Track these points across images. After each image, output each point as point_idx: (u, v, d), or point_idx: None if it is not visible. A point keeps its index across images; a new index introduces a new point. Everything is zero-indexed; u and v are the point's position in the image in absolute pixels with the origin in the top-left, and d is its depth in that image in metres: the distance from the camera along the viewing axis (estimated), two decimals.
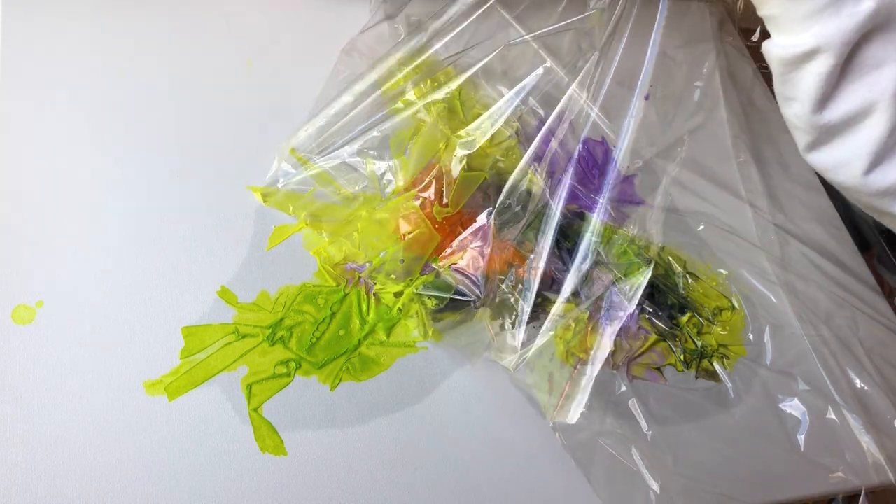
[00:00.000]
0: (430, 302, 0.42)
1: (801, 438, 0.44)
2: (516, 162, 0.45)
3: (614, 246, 0.47)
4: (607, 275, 0.45)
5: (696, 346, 0.47)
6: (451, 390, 0.42)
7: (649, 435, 0.42)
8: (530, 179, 0.45)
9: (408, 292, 0.42)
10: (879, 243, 0.64)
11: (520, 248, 0.45)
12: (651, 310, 0.46)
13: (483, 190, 0.46)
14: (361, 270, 0.43)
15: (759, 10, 0.40)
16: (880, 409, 0.46)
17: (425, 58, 0.46)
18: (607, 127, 0.47)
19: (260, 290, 0.42)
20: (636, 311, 0.45)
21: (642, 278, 0.45)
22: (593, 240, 0.45)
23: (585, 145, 0.49)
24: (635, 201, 0.51)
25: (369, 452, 0.39)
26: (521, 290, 0.44)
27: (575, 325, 0.44)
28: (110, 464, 0.35)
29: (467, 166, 0.44)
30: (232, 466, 0.36)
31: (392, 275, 0.43)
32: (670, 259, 0.49)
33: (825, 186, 0.59)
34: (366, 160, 0.45)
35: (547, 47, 0.48)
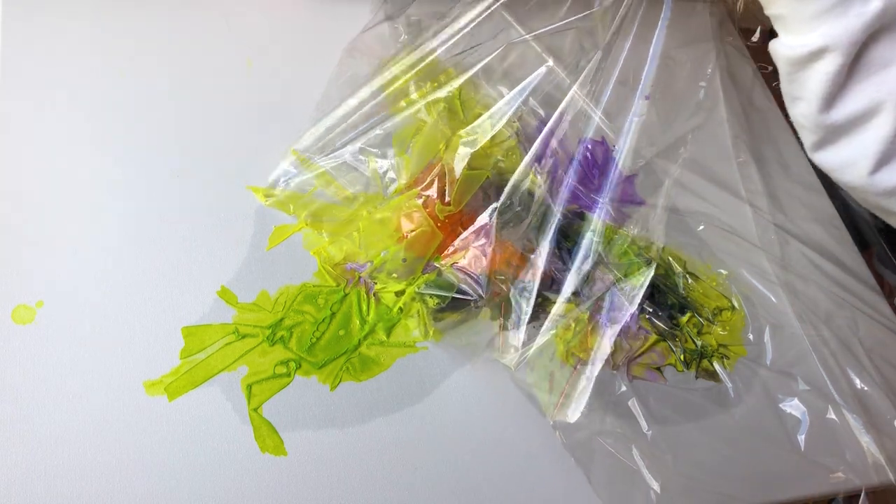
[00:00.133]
0: (431, 301, 0.42)
1: (802, 438, 0.44)
2: (517, 162, 0.45)
3: (615, 246, 0.47)
4: (608, 275, 0.45)
5: (696, 346, 0.47)
6: (451, 390, 0.42)
7: (649, 435, 0.42)
8: (531, 180, 0.45)
9: (409, 291, 0.42)
10: (879, 243, 0.64)
11: (520, 247, 0.45)
12: (651, 310, 0.46)
13: (483, 190, 0.46)
14: (361, 270, 0.43)
15: (766, 10, 0.40)
16: (880, 409, 0.46)
17: (428, 61, 0.46)
18: (608, 127, 0.47)
19: (260, 290, 0.42)
20: (636, 311, 0.45)
21: (643, 278, 0.45)
22: (594, 240, 0.45)
23: (586, 145, 0.49)
24: (636, 201, 0.51)
25: (369, 452, 0.39)
26: (521, 289, 0.44)
27: (575, 325, 0.44)
28: (110, 464, 0.35)
29: (468, 166, 0.44)
30: (232, 466, 0.36)
31: (394, 274, 0.43)
32: (670, 259, 0.49)
33: (825, 186, 0.59)
34: (368, 158, 0.45)
35: (548, 48, 0.48)
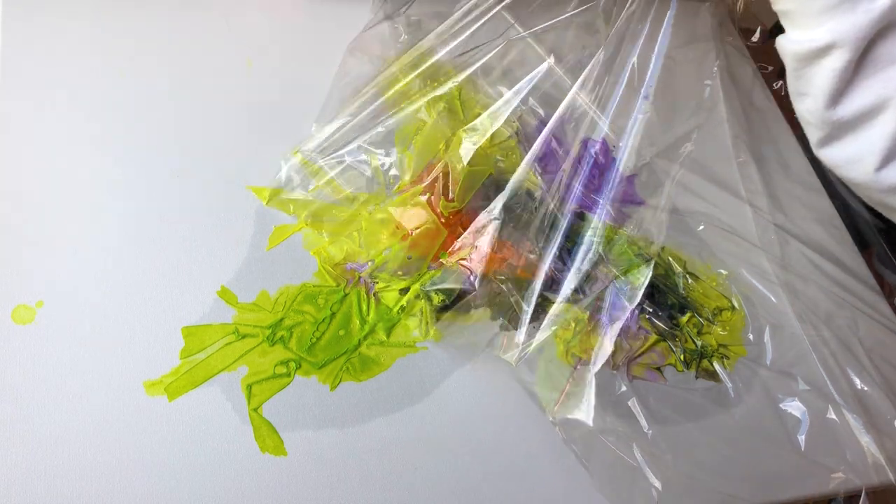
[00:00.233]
0: (436, 298, 0.42)
1: (802, 438, 0.44)
2: (516, 162, 0.45)
3: (615, 246, 0.47)
4: (607, 275, 0.45)
5: (696, 346, 0.46)
6: (451, 390, 0.42)
7: (650, 434, 0.42)
8: (531, 180, 0.45)
9: (414, 288, 0.42)
10: (879, 243, 0.64)
11: (520, 247, 0.45)
12: (651, 310, 0.46)
13: (483, 189, 0.46)
14: (361, 270, 0.43)
15: (773, 5, 0.40)
16: (880, 409, 0.46)
17: (429, 63, 0.46)
18: (608, 127, 0.47)
19: (260, 290, 0.42)
20: (636, 311, 0.45)
21: (643, 278, 0.45)
22: (594, 240, 0.45)
23: (586, 145, 0.49)
24: (636, 202, 0.51)
25: (369, 452, 0.39)
26: (521, 289, 0.44)
27: (575, 325, 0.44)
28: (110, 464, 0.35)
29: (470, 164, 0.44)
30: (232, 466, 0.36)
31: (399, 271, 0.43)
32: (670, 259, 0.49)
33: (825, 186, 0.59)
34: (370, 156, 0.45)
35: (549, 48, 0.48)
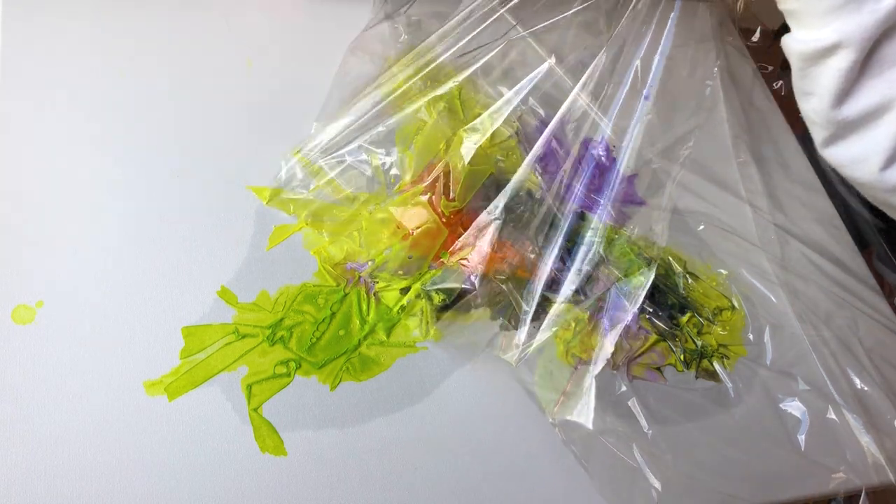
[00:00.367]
0: (436, 297, 0.42)
1: (802, 438, 0.44)
2: (516, 162, 0.45)
3: (615, 246, 0.47)
4: (608, 275, 0.45)
5: (696, 346, 0.46)
6: (451, 390, 0.42)
7: (650, 434, 0.42)
8: (531, 180, 0.45)
9: (415, 288, 0.42)
10: (879, 243, 0.64)
11: (520, 247, 0.45)
12: (651, 310, 0.46)
13: (484, 189, 0.46)
14: (361, 270, 0.43)
15: (779, 5, 0.40)
16: (880, 409, 0.46)
17: (431, 67, 0.46)
18: (608, 127, 0.47)
19: (260, 290, 0.42)
20: (636, 311, 0.45)
21: (643, 279, 0.45)
22: (594, 240, 0.45)
23: (586, 145, 0.49)
24: (636, 202, 0.51)
25: (369, 452, 0.39)
26: (521, 289, 0.44)
27: (575, 325, 0.44)
28: (110, 464, 0.35)
29: (470, 164, 0.44)
30: (232, 466, 0.36)
31: (400, 271, 0.43)
32: (670, 259, 0.49)
33: (825, 186, 0.59)
34: (370, 155, 0.45)
35: (550, 49, 0.48)
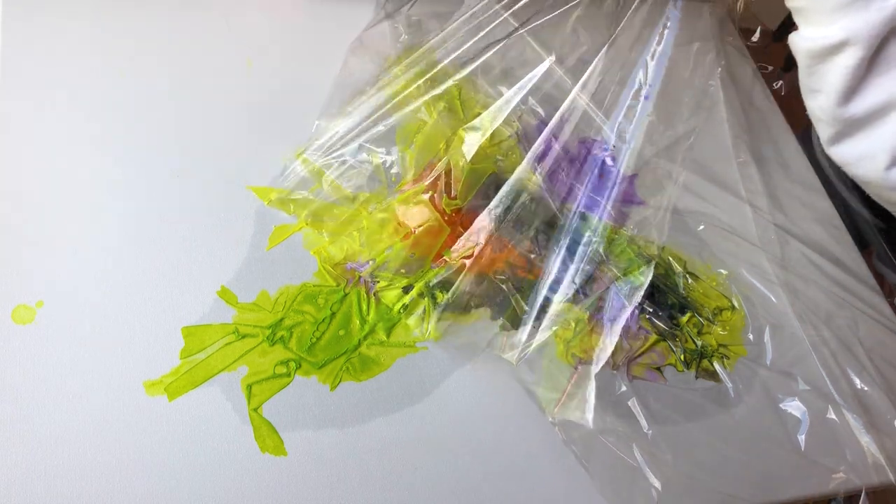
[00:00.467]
0: (440, 296, 0.42)
1: (802, 438, 0.44)
2: (516, 162, 0.45)
3: (615, 246, 0.47)
4: (608, 275, 0.45)
5: (696, 346, 0.46)
6: (451, 390, 0.42)
7: (650, 434, 0.42)
8: (531, 179, 0.45)
9: (418, 286, 0.42)
10: (879, 243, 0.64)
11: (520, 247, 0.45)
12: (651, 310, 0.46)
13: (484, 188, 0.46)
14: (361, 270, 0.43)
15: (787, 2, 0.40)
16: (880, 409, 0.46)
17: (431, 63, 0.46)
18: (608, 127, 0.47)
19: (260, 290, 0.42)
20: (636, 310, 0.45)
21: (643, 279, 0.45)
22: (594, 240, 0.45)
23: (586, 145, 0.49)
24: (636, 202, 0.51)
25: (369, 452, 0.39)
26: (521, 289, 0.44)
27: (575, 325, 0.44)
28: (110, 464, 0.35)
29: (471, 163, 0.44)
30: (232, 466, 0.36)
31: (402, 269, 0.43)
32: (670, 259, 0.49)
33: (825, 186, 0.59)
34: (371, 154, 0.45)
35: (550, 48, 0.48)
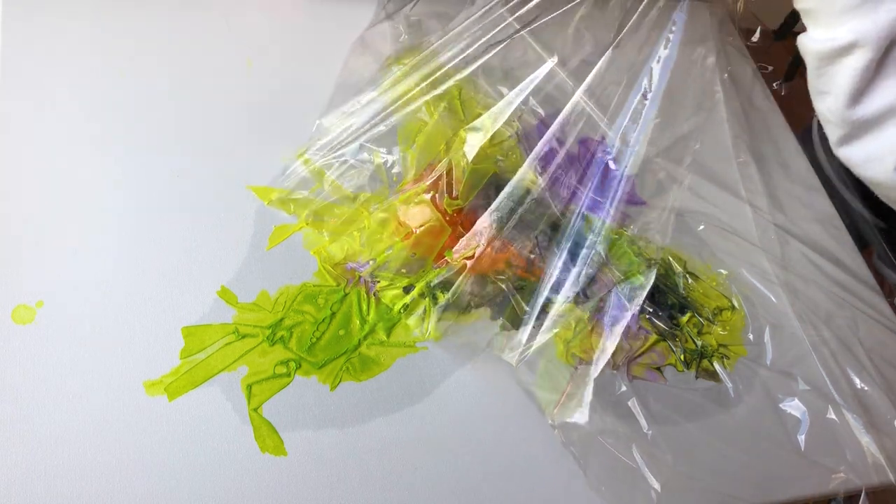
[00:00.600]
0: (441, 296, 0.42)
1: (802, 438, 0.44)
2: (517, 162, 0.45)
3: (616, 246, 0.47)
4: (608, 276, 0.45)
5: (696, 346, 0.46)
6: (451, 390, 0.42)
7: (649, 434, 0.42)
8: (531, 180, 0.45)
9: (419, 286, 0.42)
10: (879, 243, 0.64)
11: (521, 248, 0.45)
12: (651, 310, 0.46)
13: (484, 189, 0.46)
14: (362, 270, 0.43)
15: (795, 4, 0.40)
16: (880, 409, 0.46)
17: (431, 64, 0.46)
18: (610, 128, 0.47)
19: (260, 290, 0.42)
20: (636, 310, 0.45)
21: (644, 279, 0.45)
22: (595, 240, 0.45)
23: (587, 145, 0.49)
24: (637, 202, 0.51)
25: (369, 452, 0.39)
26: (522, 289, 0.44)
27: (576, 325, 0.44)
28: (110, 464, 0.35)
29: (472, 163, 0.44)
30: (232, 466, 0.36)
31: (403, 269, 0.43)
32: (670, 259, 0.49)
33: (825, 186, 0.59)
34: (372, 154, 0.45)
35: (552, 49, 0.48)
